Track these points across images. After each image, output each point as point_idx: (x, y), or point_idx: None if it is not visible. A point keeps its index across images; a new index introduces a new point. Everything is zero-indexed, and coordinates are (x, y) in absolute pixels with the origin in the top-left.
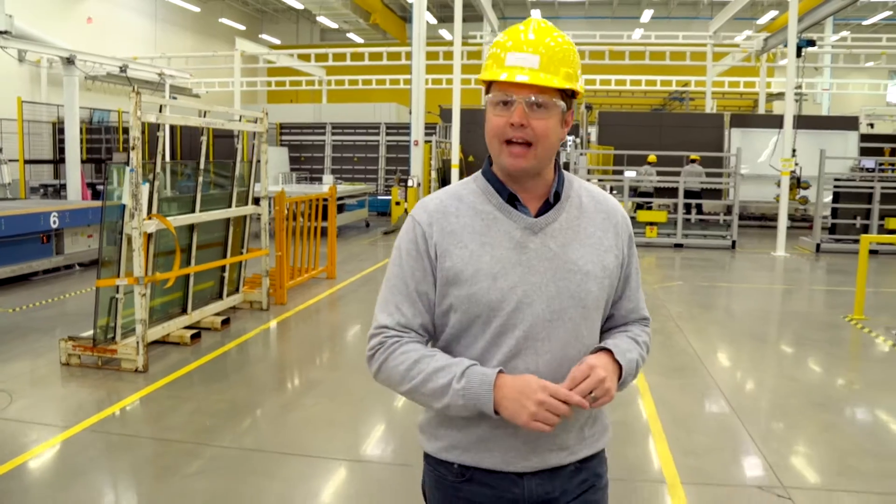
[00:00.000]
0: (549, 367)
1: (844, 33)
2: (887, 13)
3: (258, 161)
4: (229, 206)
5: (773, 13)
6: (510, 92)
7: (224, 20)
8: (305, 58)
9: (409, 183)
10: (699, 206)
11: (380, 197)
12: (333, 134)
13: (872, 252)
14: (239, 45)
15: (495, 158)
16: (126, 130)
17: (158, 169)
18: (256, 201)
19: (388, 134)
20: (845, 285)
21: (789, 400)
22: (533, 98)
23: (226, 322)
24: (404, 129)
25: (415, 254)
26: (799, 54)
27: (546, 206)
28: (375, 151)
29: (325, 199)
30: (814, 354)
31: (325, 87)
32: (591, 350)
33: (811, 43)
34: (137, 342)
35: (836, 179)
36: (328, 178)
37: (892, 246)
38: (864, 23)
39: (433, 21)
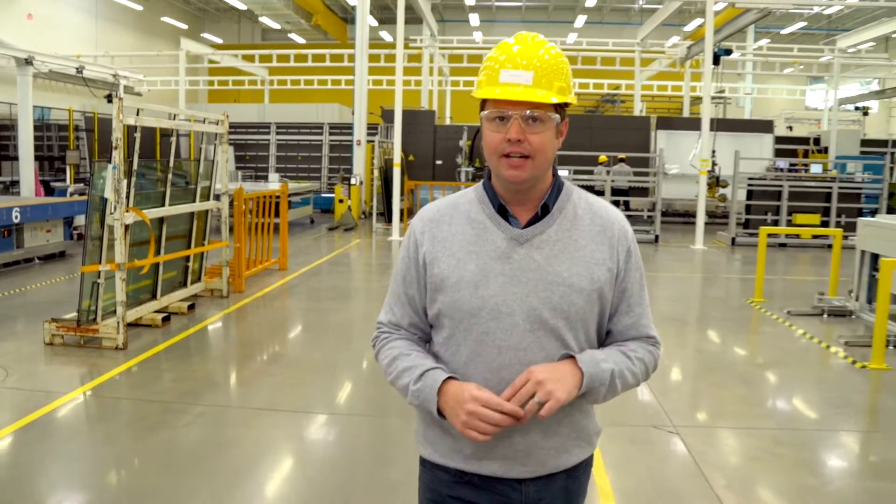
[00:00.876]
0: None
1: (764, 41)
2: (803, 24)
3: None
4: (194, 202)
5: (699, 20)
6: (506, 108)
7: (166, 19)
8: (249, 58)
9: (352, 181)
10: (626, 203)
11: (324, 195)
12: (278, 133)
13: (782, 245)
14: (184, 45)
15: (494, 171)
16: (76, 129)
17: (135, 167)
18: (217, 197)
19: (331, 134)
20: (753, 273)
21: (689, 364)
22: (528, 113)
23: (191, 307)
24: (347, 129)
25: (408, 260)
26: (717, 62)
27: (536, 218)
28: (319, 151)
29: (278, 197)
30: (715, 329)
31: (268, 87)
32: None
33: (728, 52)
34: (118, 322)
35: (750, 178)
36: (274, 177)
37: (799, 239)
38: (783, 32)
39: (374, 23)
